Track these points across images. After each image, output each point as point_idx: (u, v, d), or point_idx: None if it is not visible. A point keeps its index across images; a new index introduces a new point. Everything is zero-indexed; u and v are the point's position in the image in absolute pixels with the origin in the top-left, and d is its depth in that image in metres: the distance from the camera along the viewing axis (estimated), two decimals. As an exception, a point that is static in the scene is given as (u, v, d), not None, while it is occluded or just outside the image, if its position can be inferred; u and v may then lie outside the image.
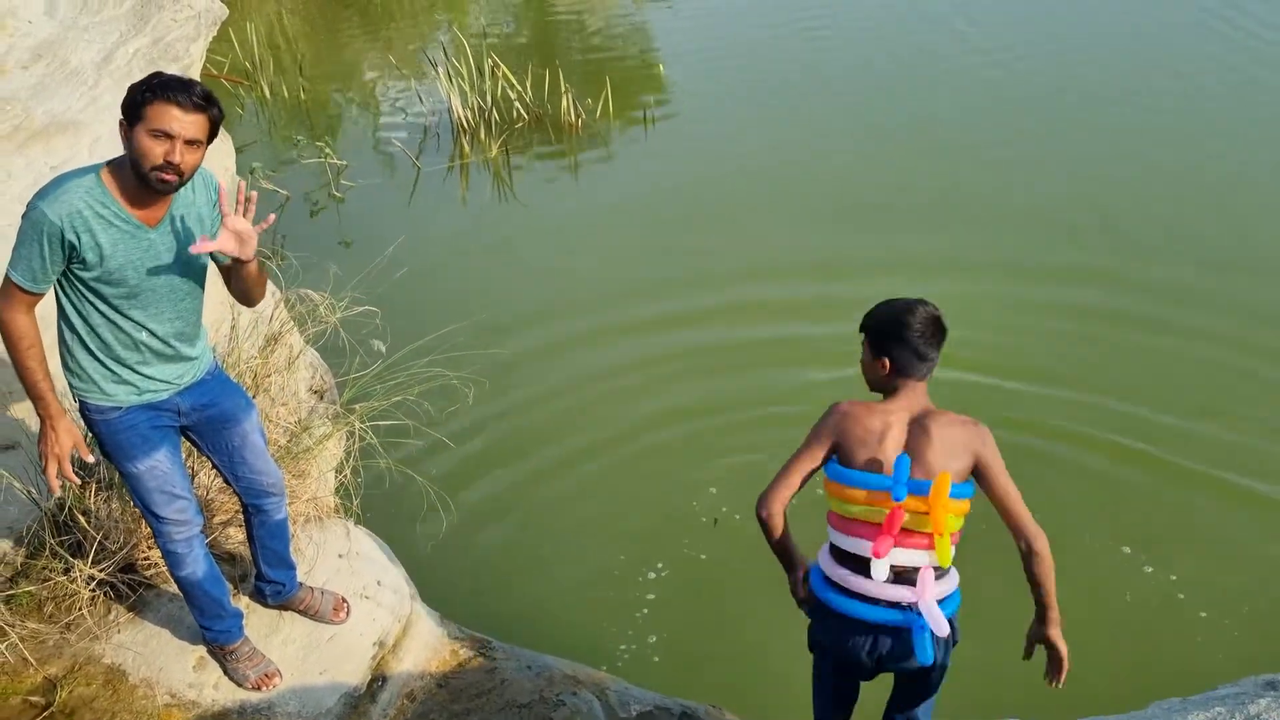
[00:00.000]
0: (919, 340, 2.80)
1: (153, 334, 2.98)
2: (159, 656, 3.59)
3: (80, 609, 3.60)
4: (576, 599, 4.73)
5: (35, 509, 3.72)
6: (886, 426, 2.79)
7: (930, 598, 2.74)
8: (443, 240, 7.83)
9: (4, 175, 4.82)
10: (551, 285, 7.19)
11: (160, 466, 3.13)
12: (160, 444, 3.14)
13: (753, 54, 11.46)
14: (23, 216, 2.76)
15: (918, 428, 2.79)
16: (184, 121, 2.67)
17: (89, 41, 5.69)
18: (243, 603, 3.76)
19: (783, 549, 3.00)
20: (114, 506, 3.64)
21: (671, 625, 4.64)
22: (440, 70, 9.66)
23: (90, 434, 3.15)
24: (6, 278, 2.79)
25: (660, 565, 4.92)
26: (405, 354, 4.37)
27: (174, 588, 3.74)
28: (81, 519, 3.56)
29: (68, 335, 2.95)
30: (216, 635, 3.50)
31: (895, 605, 2.78)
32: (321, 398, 4.69)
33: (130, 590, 3.70)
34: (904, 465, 2.72)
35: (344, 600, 3.83)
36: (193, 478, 3.78)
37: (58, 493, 3.11)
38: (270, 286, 4.89)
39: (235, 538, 3.94)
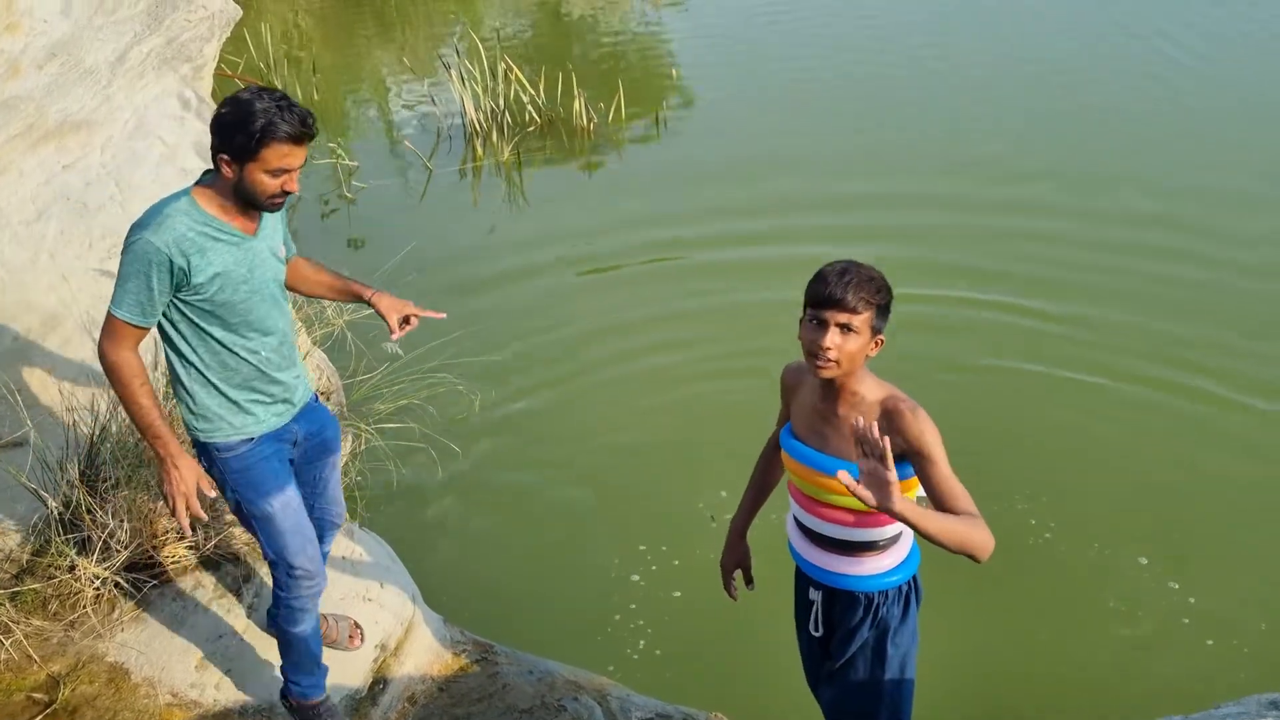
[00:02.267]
0: None
1: (268, 346, 2.94)
2: (162, 656, 3.59)
3: (85, 607, 3.61)
4: (580, 603, 4.73)
5: (42, 506, 3.73)
6: None
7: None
8: (454, 243, 7.84)
9: (17, 174, 4.84)
10: (562, 290, 7.19)
11: (293, 503, 3.07)
12: (290, 478, 3.08)
13: (766, 55, 11.46)
14: (124, 251, 2.70)
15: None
16: (298, 153, 2.67)
17: (103, 41, 5.70)
18: (258, 608, 3.75)
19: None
20: (121, 505, 3.65)
21: (674, 630, 4.63)
22: (453, 72, 9.68)
23: (219, 478, 3.03)
24: (110, 316, 2.72)
25: (665, 569, 4.91)
26: (413, 357, 4.38)
27: (178, 587, 3.76)
28: (88, 517, 3.57)
29: (184, 376, 2.89)
30: (305, 690, 3.41)
31: None
32: (328, 400, 4.70)
33: (135, 589, 3.70)
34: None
35: (358, 626, 3.78)
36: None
37: (190, 533, 3.07)
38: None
39: (240, 538, 3.95)
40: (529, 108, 9.67)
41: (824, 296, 2.54)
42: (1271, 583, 4.72)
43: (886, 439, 2.29)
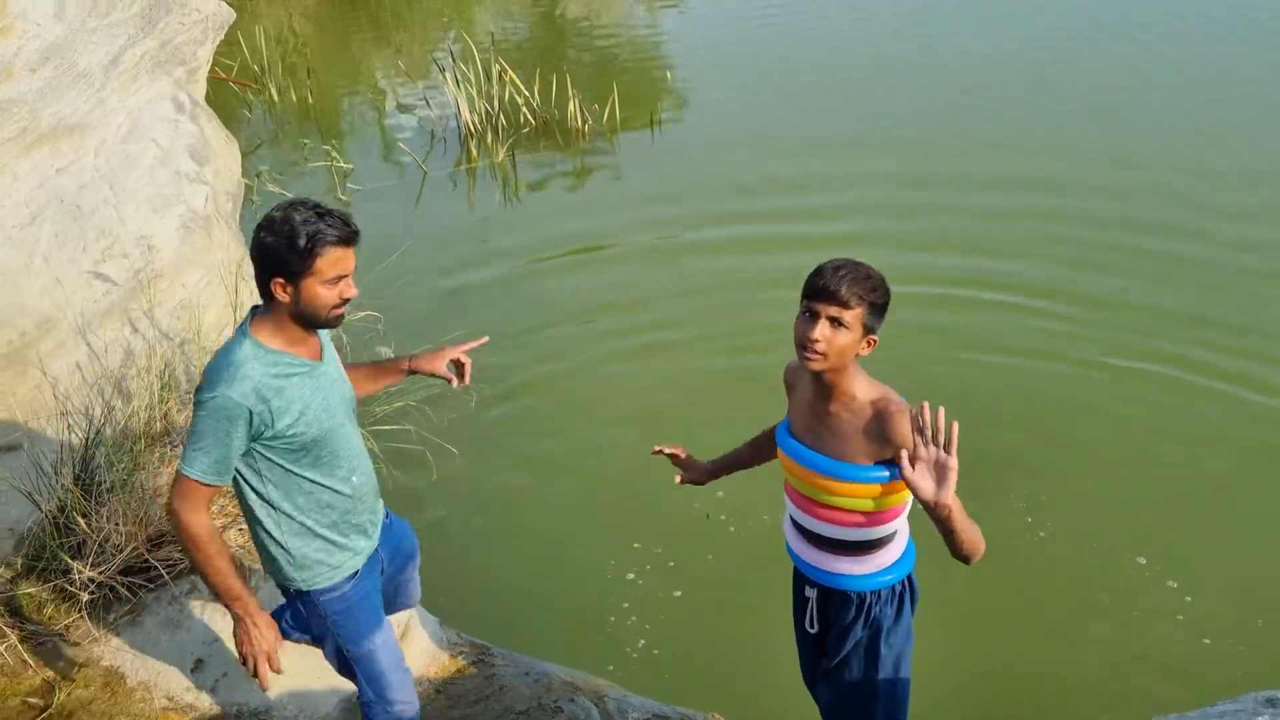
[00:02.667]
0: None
1: (354, 470, 2.81)
2: (158, 660, 3.59)
3: (80, 611, 3.61)
4: (577, 604, 4.72)
5: (36, 510, 3.73)
6: None
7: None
8: (448, 245, 7.84)
9: (10, 178, 4.83)
10: (557, 292, 7.19)
11: (391, 635, 3.00)
12: (383, 609, 3.00)
13: (761, 55, 11.47)
14: (198, 409, 2.55)
15: None
16: (349, 257, 2.55)
17: (96, 44, 5.70)
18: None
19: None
20: (116, 509, 3.64)
21: (672, 630, 4.62)
22: (447, 75, 9.68)
23: (317, 625, 2.90)
24: (184, 478, 2.56)
25: (662, 569, 4.91)
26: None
27: (174, 590, 3.75)
28: (81, 521, 3.57)
29: (273, 528, 2.73)
30: None
31: None
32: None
33: (130, 593, 3.70)
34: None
35: None
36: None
37: (269, 688, 2.91)
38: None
39: (233, 541, 3.94)
40: (524, 109, 9.67)
41: (817, 288, 2.55)
42: (1269, 581, 4.72)
43: (955, 424, 2.28)
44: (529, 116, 9.68)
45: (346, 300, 2.60)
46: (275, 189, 8.41)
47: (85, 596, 3.58)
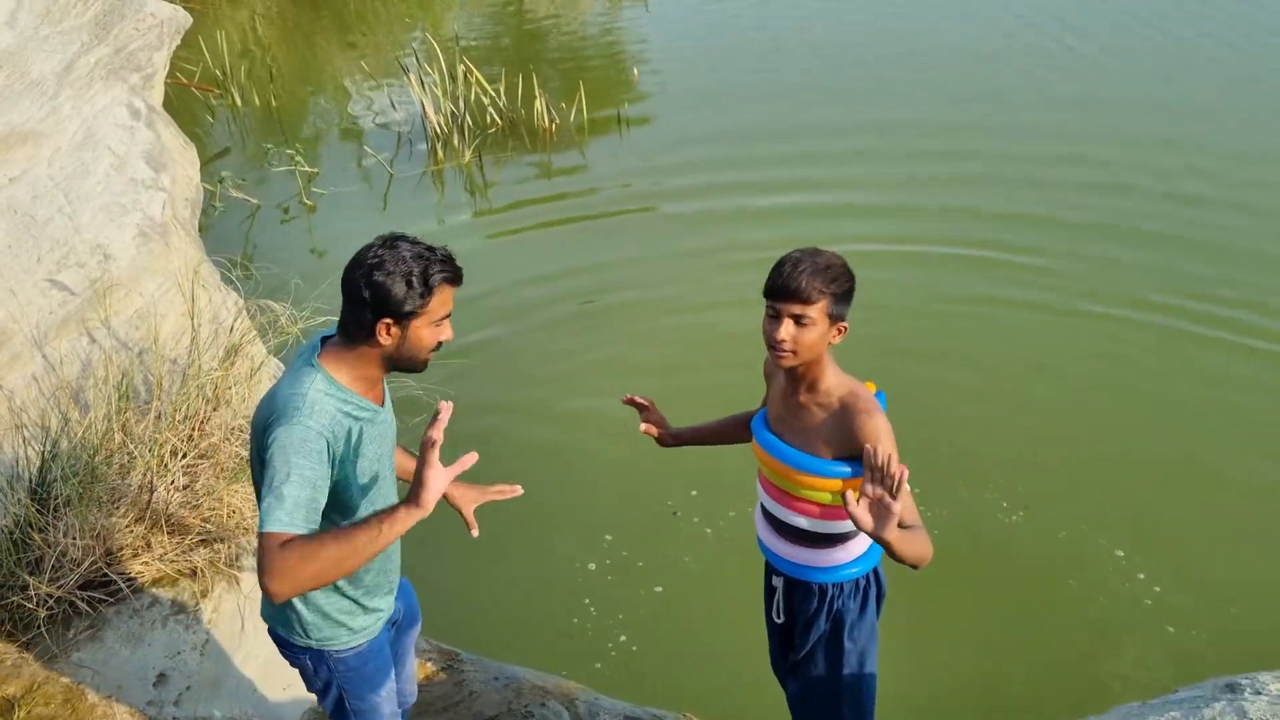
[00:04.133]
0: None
1: None
2: (118, 675, 3.53)
3: (39, 627, 3.55)
4: (546, 606, 4.70)
5: (-9, 527, 3.66)
6: None
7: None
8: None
9: (-38, 188, 4.77)
10: (522, 292, 7.15)
11: (393, 687, 2.88)
12: (392, 660, 2.89)
13: (727, 53, 11.46)
14: (272, 448, 2.28)
15: None
16: (452, 295, 2.44)
17: (50, 51, 5.63)
18: (217, 623, 3.70)
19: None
20: (73, 523, 3.58)
21: (643, 630, 4.61)
22: (412, 76, 9.62)
23: (324, 679, 2.73)
24: (271, 538, 2.20)
25: (632, 570, 4.89)
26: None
27: (135, 605, 3.69)
28: (38, 536, 3.51)
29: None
30: None
31: None
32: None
33: (90, 608, 3.64)
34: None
35: None
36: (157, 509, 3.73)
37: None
38: (233, 298, 4.86)
39: (197, 552, 3.89)
40: (490, 110, 9.62)
41: (777, 287, 2.54)
42: (1241, 569, 4.75)
43: (904, 469, 2.29)
44: (495, 117, 9.63)
45: (441, 344, 2.48)
46: (239, 195, 8.35)
47: (43, 613, 3.52)
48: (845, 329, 2.60)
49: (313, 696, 3.61)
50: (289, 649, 2.74)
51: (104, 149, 5.15)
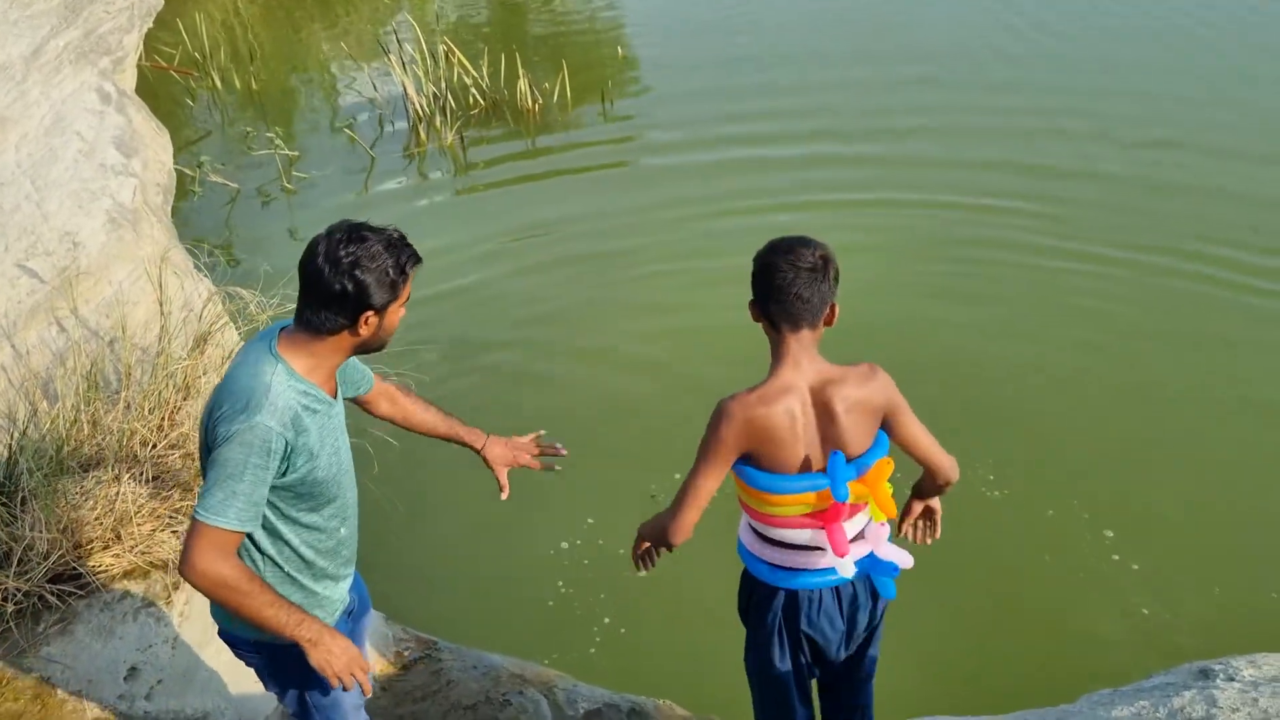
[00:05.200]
0: (786, 289, 2.52)
1: (346, 519, 2.67)
2: (89, 669, 3.49)
3: (7, 622, 3.50)
4: (526, 592, 4.67)
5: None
6: (792, 417, 2.57)
7: (885, 545, 2.72)
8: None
9: (-73, 176, 4.70)
10: (506, 272, 7.10)
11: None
12: None
13: (712, 30, 11.34)
14: (226, 443, 2.31)
15: (822, 406, 2.59)
16: None
17: (18, 35, 5.54)
18: (189, 616, 3.65)
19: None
20: (39, 516, 3.53)
21: (621, 619, 4.57)
22: (392, 57, 9.51)
23: (279, 675, 2.73)
24: (209, 529, 2.31)
25: (612, 557, 4.85)
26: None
27: (105, 598, 3.65)
28: (3, 530, 3.46)
29: (260, 575, 2.51)
30: None
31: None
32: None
33: (60, 601, 3.59)
34: (840, 463, 2.58)
35: None
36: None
37: (370, 692, 2.75)
38: (205, 284, 4.79)
39: (168, 544, 3.84)
40: (473, 91, 9.52)
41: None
42: (1224, 550, 4.73)
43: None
44: (478, 98, 9.53)
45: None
46: (218, 179, 8.26)
47: (11, 607, 3.47)
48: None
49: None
50: (244, 648, 2.71)
51: (73, 134, 5.07)
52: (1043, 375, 5.80)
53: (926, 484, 2.86)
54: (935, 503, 2.91)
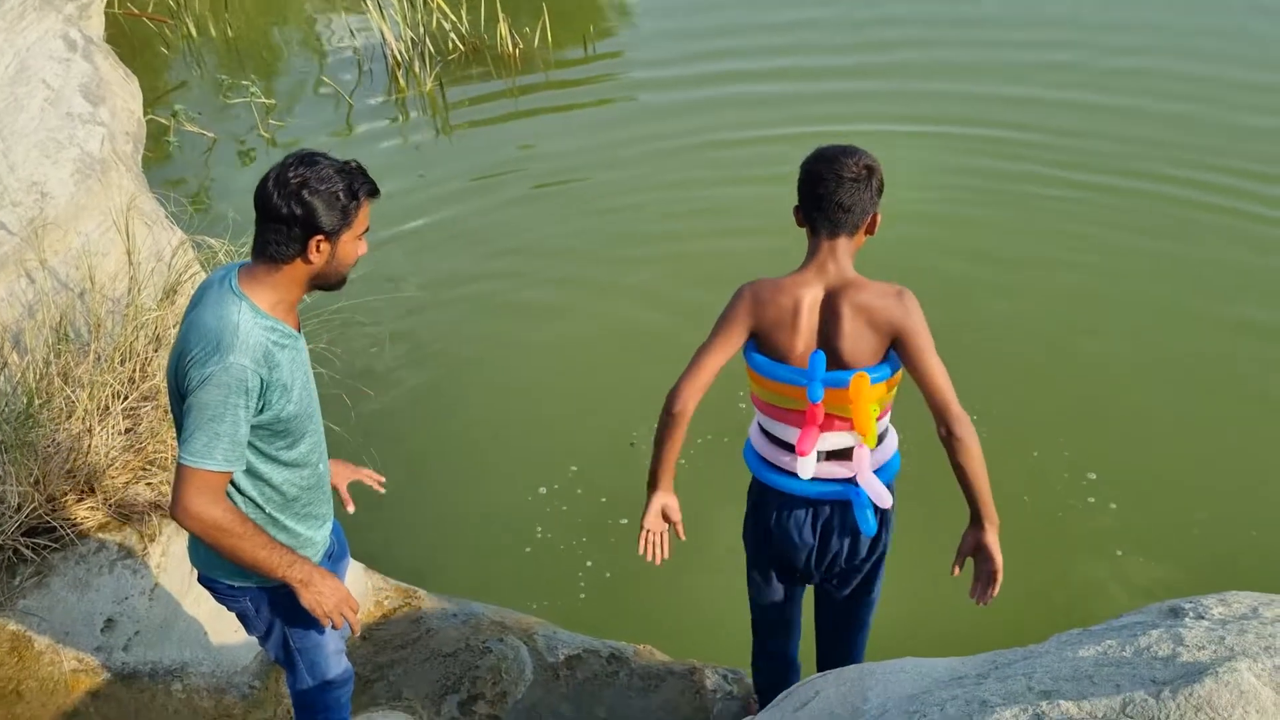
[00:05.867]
0: (828, 198, 2.59)
1: (323, 456, 2.66)
2: (65, 621, 3.48)
3: (-19, 576, 3.49)
4: (505, 541, 4.66)
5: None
6: (797, 307, 2.63)
7: (869, 474, 2.73)
8: (379, 180, 7.60)
9: (-112, 126, 4.60)
10: (481, 220, 7.02)
11: None
12: None
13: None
14: (202, 386, 2.29)
15: (831, 307, 2.63)
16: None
17: (-21, -19, 5.40)
18: (166, 568, 3.64)
19: (665, 460, 2.84)
20: (8, 470, 3.50)
21: (601, 565, 4.58)
22: (370, 3, 9.33)
23: (265, 617, 2.72)
24: (196, 472, 2.32)
25: (589, 504, 4.84)
26: (319, 298, 4.22)
27: (81, 550, 3.63)
28: (-26, 484, 3.43)
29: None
30: None
31: (834, 479, 2.77)
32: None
33: (35, 554, 3.57)
34: (818, 362, 2.63)
35: None
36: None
37: (358, 631, 2.76)
38: (175, 232, 4.73)
39: (144, 496, 3.82)
40: (451, 35, 9.36)
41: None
42: (1197, 491, 4.74)
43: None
44: (457, 43, 9.37)
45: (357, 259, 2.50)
46: (194, 129, 8.13)
47: (-15, 561, 3.46)
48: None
49: (263, 639, 3.60)
50: (226, 593, 2.70)
51: (38, 83, 4.96)
52: (1034, 306, 5.79)
53: (941, 434, 2.67)
54: (992, 547, 2.73)
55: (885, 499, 2.74)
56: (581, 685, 3.74)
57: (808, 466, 2.71)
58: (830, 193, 2.58)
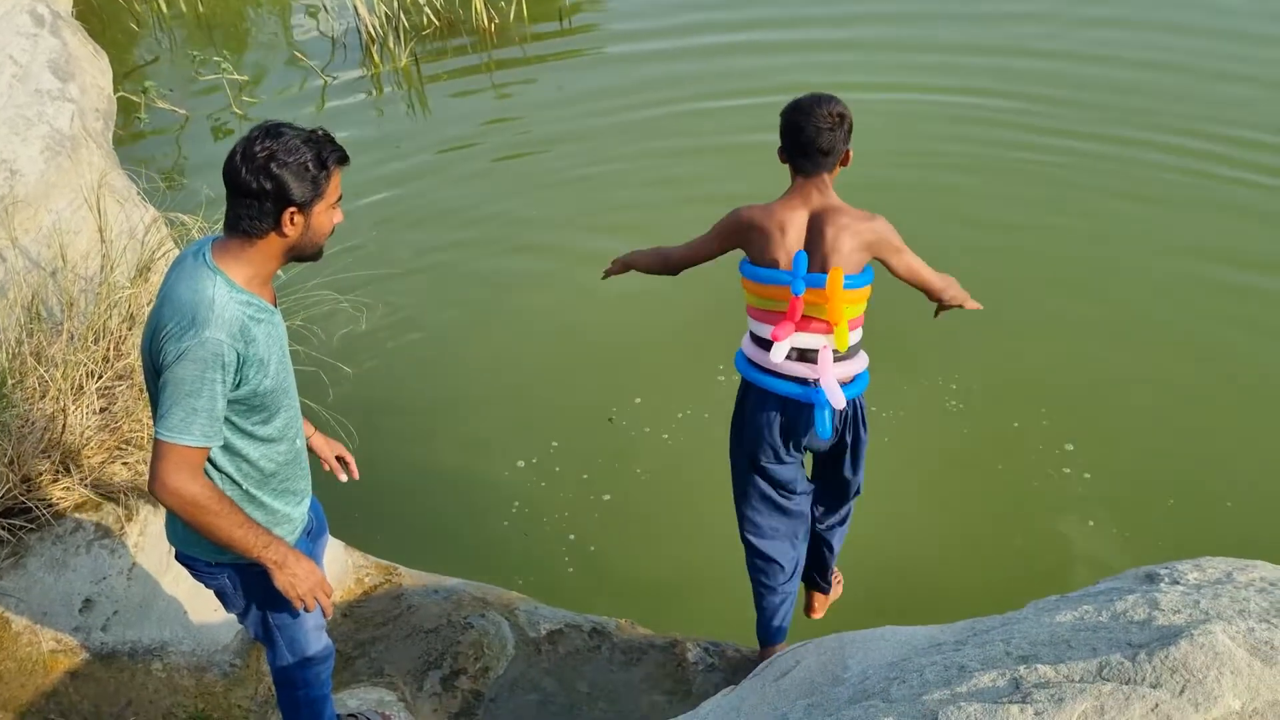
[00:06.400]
0: (807, 141, 2.99)
1: (299, 433, 2.64)
2: (43, 601, 3.46)
3: (-43, 558, 3.46)
4: (484, 518, 4.66)
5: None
6: (785, 224, 3.03)
7: (830, 375, 3.06)
8: (354, 156, 7.54)
9: None
10: (456, 198, 6.98)
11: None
12: None
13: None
14: (178, 361, 2.28)
15: (815, 225, 3.03)
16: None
17: (-57, -45, 5.31)
18: (144, 547, 3.61)
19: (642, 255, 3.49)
20: (-17, 450, 3.47)
21: (582, 539, 4.58)
22: (343, -24, 9.23)
23: (242, 594, 2.71)
24: (174, 448, 2.30)
25: (570, 478, 4.84)
26: (293, 275, 4.20)
27: (58, 530, 3.60)
28: (-52, 465, 3.39)
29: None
30: None
31: (799, 380, 3.11)
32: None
33: (10, 535, 3.54)
34: (801, 261, 3.02)
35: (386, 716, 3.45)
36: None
37: (331, 614, 2.75)
38: (148, 209, 4.67)
39: (121, 475, 3.79)
40: (426, 10, 9.27)
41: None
42: (1170, 462, 4.78)
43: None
44: (432, 17, 9.28)
45: (333, 228, 2.49)
46: (165, 105, 8.03)
47: (-41, 543, 3.43)
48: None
49: (244, 617, 3.58)
50: (204, 570, 2.69)
51: (5, 59, 4.88)
52: (1013, 272, 5.81)
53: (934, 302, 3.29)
54: (952, 302, 3.27)
55: (839, 400, 3.04)
56: (563, 660, 3.75)
57: (780, 351, 3.05)
58: (810, 140, 2.99)
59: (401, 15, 9.11)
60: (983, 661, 1.87)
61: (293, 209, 2.35)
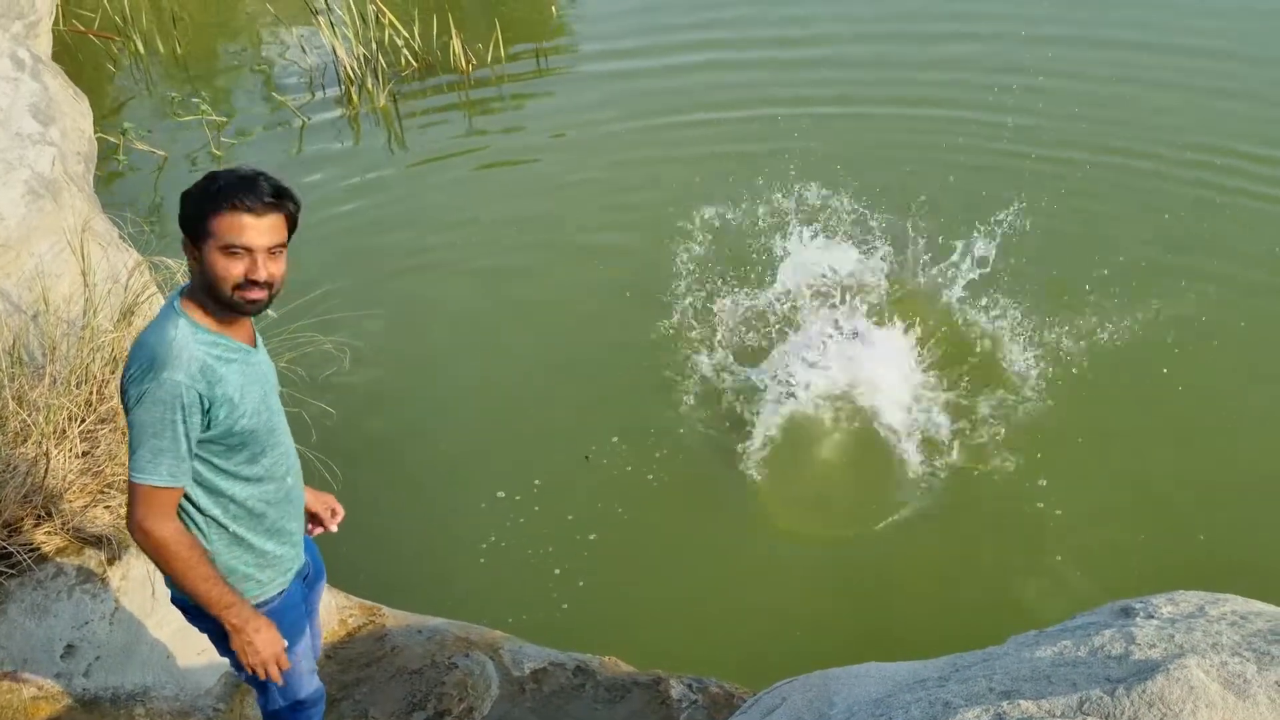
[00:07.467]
0: None
1: (289, 470, 2.63)
2: (24, 648, 3.44)
3: (-63, 604, 3.44)
4: (468, 558, 4.67)
5: (-119, 503, 3.52)
6: None
7: None
8: (328, 194, 7.59)
9: None
10: (440, 240, 7.04)
11: (309, 643, 2.85)
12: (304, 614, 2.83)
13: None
14: (138, 403, 2.30)
15: None
16: (259, 228, 2.32)
17: (-76, 0, 5.34)
18: (126, 591, 3.60)
19: None
20: (-36, 496, 3.46)
21: (569, 576, 4.60)
22: (322, 19, 9.30)
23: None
24: (143, 489, 2.33)
25: (551, 518, 4.86)
26: (283, 315, 4.22)
27: (39, 576, 3.59)
28: (-71, 511, 3.38)
29: (200, 540, 2.48)
30: None
31: None
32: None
33: (-9, 581, 3.53)
34: None
35: None
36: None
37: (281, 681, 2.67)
38: (132, 255, 4.69)
39: (102, 519, 3.78)
40: (404, 51, 9.36)
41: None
42: (1142, 497, 4.85)
43: None
44: (410, 59, 9.37)
45: (255, 282, 2.36)
46: (144, 147, 8.05)
47: (-60, 589, 3.41)
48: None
49: (227, 661, 3.57)
50: (198, 613, 2.68)
51: (-14, 103, 4.91)
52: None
53: None
54: None
55: None
56: (548, 698, 3.75)
57: None
58: None
59: (379, 56, 9.20)
60: (967, 698, 1.91)
61: (186, 237, 2.38)
